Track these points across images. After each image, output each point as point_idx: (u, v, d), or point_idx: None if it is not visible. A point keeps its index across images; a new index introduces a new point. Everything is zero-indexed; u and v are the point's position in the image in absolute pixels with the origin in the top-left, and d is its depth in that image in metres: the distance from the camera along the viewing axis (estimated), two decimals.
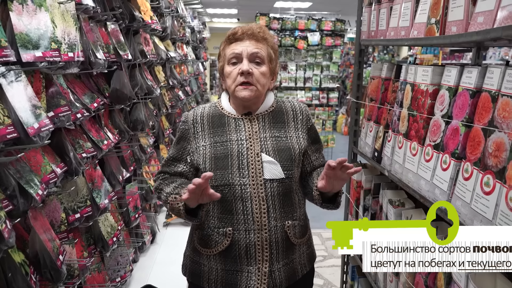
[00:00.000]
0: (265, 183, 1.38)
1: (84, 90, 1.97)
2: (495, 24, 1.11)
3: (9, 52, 1.26)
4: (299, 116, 1.50)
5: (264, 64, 1.41)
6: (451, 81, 1.40)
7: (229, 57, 1.41)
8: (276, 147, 1.42)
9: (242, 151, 1.40)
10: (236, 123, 1.45)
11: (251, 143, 1.41)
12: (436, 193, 1.39)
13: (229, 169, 1.38)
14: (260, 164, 1.39)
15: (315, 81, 6.09)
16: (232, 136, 1.43)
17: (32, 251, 1.40)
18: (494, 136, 1.12)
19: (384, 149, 1.86)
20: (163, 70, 3.60)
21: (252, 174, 1.38)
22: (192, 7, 6.45)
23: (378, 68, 2.06)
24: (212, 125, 1.46)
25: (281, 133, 1.45)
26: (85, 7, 1.85)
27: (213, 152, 1.41)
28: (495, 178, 1.10)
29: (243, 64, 1.38)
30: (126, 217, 2.45)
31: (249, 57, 1.38)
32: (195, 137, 1.46)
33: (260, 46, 1.41)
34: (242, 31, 1.41)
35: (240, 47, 1.39)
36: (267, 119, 1.47)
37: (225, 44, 1.45)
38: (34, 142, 1.31)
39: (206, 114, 1.48)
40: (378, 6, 2.01)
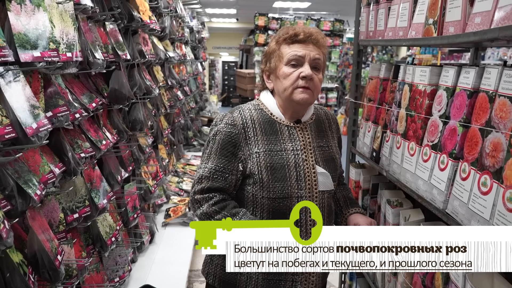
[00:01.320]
0: (319, 195, 1.39)
1: (82, 90, 1.97)
2: (492, 25, 1.11)
3: (7, 52, 1.25)
4: (333, 125, 1.52)
5: (320, 71, 1.40)
6: (448, 81, 1.40)
7: (289, 58, 1.36)
8: (323, 158, 1.42)
9: (298, 162, 1.37)
10: (290, 132, 1.40)
11: (305, 153, 1.39)
12: (433, 193, 1.39)
13: (288, 181, 1.34)
14: (315, 176, 1.38)
15: None
16: (287, 146, 1.38)
17: (30, 251, 1.40)
18: (492, 136, 1.13)
19: (382, 149, 1.86)
20: (162, 70, 3.60)
21: (309, 186, 1.36)
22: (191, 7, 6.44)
23: (376, 68, 2.06)
24: (264, 132, 1.38)
25: (324, 143, 1.45)
26: (84, 7, 1.84)
27: (268, 161, 1.35)
28: (492, 178, 1.10)
29: (305, 68, 1.34)
30: (125, 217, 2.45)
31: (311, 62, 1.36)
32: (247, 143, 1.36)
33: (320, 52, 1.39)
34: (305, 34, 1.37)
35: (303, 50, 1.35)
36: (313, 127, 1.45)
37: (283, 44, 1.39)
38: (32, 142, 1.31)
39: (256, 119, 1.40)
40: (377, 6, 2.01)
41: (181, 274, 2.58)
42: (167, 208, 3.44)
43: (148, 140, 3.09)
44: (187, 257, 2.77)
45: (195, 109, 5.89)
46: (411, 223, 1.65)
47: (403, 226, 1.59)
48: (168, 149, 4.04)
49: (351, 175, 2.31)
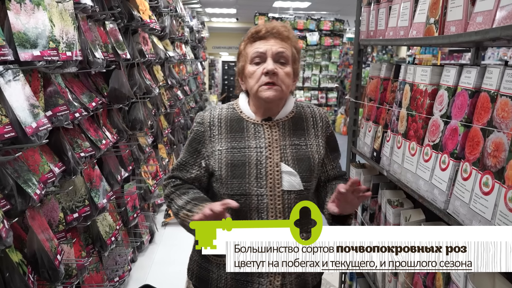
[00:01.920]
0: (282, 195, 1.33)
1: (82, 89, 1.97)
2: (494, 24, 1.11)
3: (7, 51, 1.25)
4: (319, 123, 1.45)
5: (289, 65, 1.35)
6: (450, 81, 1.40)
7: (252, 56, 1.34)
8: (295, 156, 1.37)
9: (261, 159, 1.34)
10: (256, 129, 1.38)
11: (270, 151, 1.35)
12: (435, 193, 1.39)
13: (246, 178, 1.32)
14: (279, 174, 1.33)
15: (314, 81, 6.09)
16: (250, 143, 1.36)
17: (30, 250, 1.40)
18: (493, 136, 1.12)
19: (383, 149, 1.86)
20: (162, 69, 3.60)
21: (270, 184, 1.33)
22: (191, 6, 6.44)
23: (377, 68, 2.06)
24: (230, 129, 1.38)
25: (301, 141, 1.40)
26: (83, 6, 1.84)
27: (229, 158, 1.35)
28: (494, 178, 1.10)
29: (268, 64, 1.31)
30: (125, 216, 2.45)
31: (273, 56, 1.32)
32: (211, 140, 1.38)
33: (285, 45, 1.35)
34: (266, 29, 1.35)
35: (264, 46, 1.33)
36: (287, 125, 1.40)
37: (247, 43, 1.38)
38: (32, 142, 1.30)
39: (224, 117, 1.41)
40: (377, 6, 2.01)
41: (180, 274, 2.57)
42: (167, 208, 3.43)
43: (148, 139, 3.09)
44: (187, 257, 2.76)
45: (195, 108, 5.89)
46: (412, 223, 1.64)
47: (403, 226, 1.59)
48: (168, 148, 4.04)
49: (352, 175, 2.31)
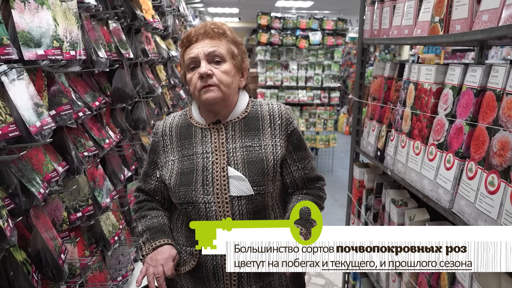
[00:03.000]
0: (231, 201, 1.26)
1: (85, 88, 1.97)
2: (500, 22, 1.10)
3: (11, 50, 1.25)
4: (277, 121, 1.34)
5: (226, 62, 1.29)
6: (455, 80, 1.39)
7: (187, 63, 1.30)
8: (246, 159, 1.29)
9: (207, 165, 1.29)
10: (203, 134, 1.34)
11: (217, 156, 1.30)
12: (439, 193, 1.38)
13: (192, 185, 1.28)
14: (226, 179, 1.27)
15: (316, 81, 6.08)
16: (198, 149, 1.32)
17: (34, 249, 1.40)
18: (499, 135, 1.12)
19: (386, 148, 1.85)
20: (165, 69, 3.60)
21: (217, 191, 1.27)
22: (193, 6, 6.44)
23: (381, 67, 2.05)
24: (180, 137, 1.35)
25: (254, 142, 1.32)
26: (87, 5, 1.84)
27: (180, 167, 1.31)
28: (500, 178, 1.09)
29: (201, 67, 1.26)
30: (128, 216, 2.45)
31: (206, 57, 1.27)
32: (164, 151, 1.36)
33: (217, 43, 1.29)
34: (194, 32, 1.30)
35: (195, 50, 1.28)
36: (237, 126, 1.33)
37: (182, 51, 1.34)
38: (36, 141, 1.30)
39: (175, 125, 1.38)
40: (381, 4, 2.00)
41: None
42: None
43: (151, 139, 3.09)
44: None
45: None
46: (416, 223, 1.64)
47: (403, 226, 1.58)
48: None
49: (355, 174, 2.30)
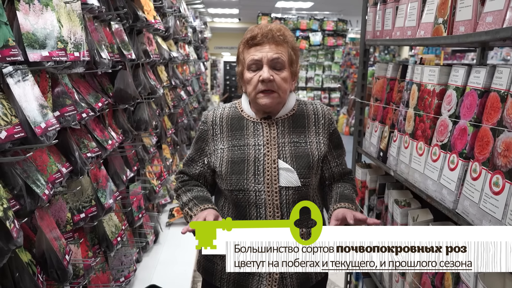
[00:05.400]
0: (280, 191, 1.36)
1: (88, 89, 1.97)
2: (504, 24, 1.11)
3: (16, 52, 1.25)
4: (321, 120, 1.46)
5: (285, 69, 1.36)
6: (458, 81, 1.40)
7: (248, 63, 1.36)
8: (294, 154, 1.39)
9: (259, 156, 1.38)
10: (255, 127, 1.42)
11: (268, 149, 1.39)
12: (443, 193, 1.39)
13: (244, 174, 1.37)
14: (276, 171, 1.37)
15: (316, 81, 6.09)
16: (249, 141, 1.41)
17: (39, 250, 1.40)
18: (503, 136, 1.12)
19: (389, 149, 1.86)
20: (166, 70, 3.60)
21: (268, 181, 1.36)
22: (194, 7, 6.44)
23: (383, 68, 2.06)
24: (231, 128, 1.44)
25: (301, 138, 1.42)
26: (90, 7, 1.84)
27: (230, 156, 1.40)
28: (505, 178, 1.10)
29: (264, 72, 1.33)
30: (130, 217, 2.45)
31: (269, 63, 1.34)
32: (214, 139, 1.45)
33: (281, 50, 1.35)
34: (261, 35, 1.35)
35: (259, 53, 1.34)
36: (286, 123, 1.43)
37: (244, 48, 1.39)
38: (41, 142, 1.30)
39: (225, 116, 1.46)
40: (384, 6, 2.01)
41: (185, 274, 2.58)
42: (171, 208, 3.43)
43: (152, 140, 3.09)
44: (191, 257, 2.76)
45: (197, 109, 5.89)
46: (420, 223, 1.64)
47: (403, 226, 1.59)
48: (172, 149, 4.04)
49: (357, 175, 2.31)
